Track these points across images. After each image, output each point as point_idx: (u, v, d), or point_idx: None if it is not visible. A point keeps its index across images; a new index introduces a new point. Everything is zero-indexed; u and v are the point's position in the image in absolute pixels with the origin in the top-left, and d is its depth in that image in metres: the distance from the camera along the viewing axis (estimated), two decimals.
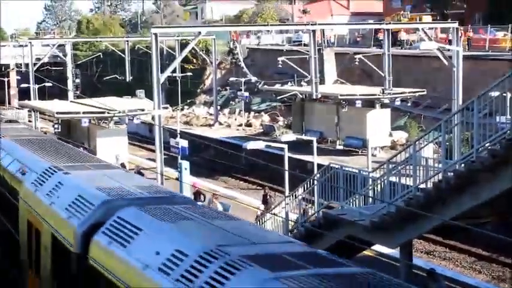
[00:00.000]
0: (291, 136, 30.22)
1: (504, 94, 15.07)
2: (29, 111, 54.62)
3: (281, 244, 9.65)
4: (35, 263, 13.85)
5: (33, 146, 17.76)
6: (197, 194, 28.87)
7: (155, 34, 34.20)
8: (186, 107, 67.37)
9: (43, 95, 61.53)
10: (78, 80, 73.42)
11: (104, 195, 12.09)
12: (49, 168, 14.57)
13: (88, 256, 11.12)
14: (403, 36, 59.95)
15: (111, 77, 70.82)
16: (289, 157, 26.05)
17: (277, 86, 52.95)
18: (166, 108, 58.26)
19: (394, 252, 20.43)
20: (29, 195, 14.36)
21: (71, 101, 52.85)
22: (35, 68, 59.78)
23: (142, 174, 28.36)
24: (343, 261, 9.15)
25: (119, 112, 38.63)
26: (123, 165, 32.44)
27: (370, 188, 18.75)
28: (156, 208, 11.19)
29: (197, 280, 8.54)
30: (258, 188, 37.39)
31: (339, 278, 8.04)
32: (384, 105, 43.22)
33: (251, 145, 26.60)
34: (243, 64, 63.97)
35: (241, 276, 8.11)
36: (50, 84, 53.77)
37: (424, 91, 43.85)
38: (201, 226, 10.37)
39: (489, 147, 14.62)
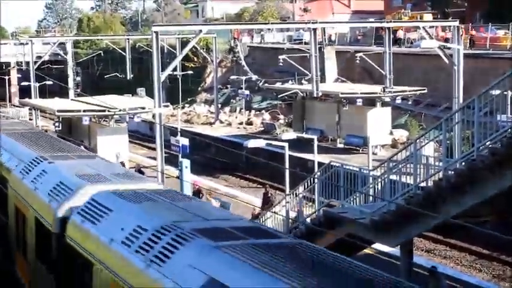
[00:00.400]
0: (291, 134, 30.19)
1: (505, 92, 15.08)
2: (29, 109, 54.63)
3: (230, 221, 11.06)
4: (22, 245, 14.83)
5: (24, 138, 18.81)
6: (198, 192, 28.95)
7: (156, 32, 34.18)
8: (186, 105, 67.40)
9: (44, 93, 61.54)
10: (78, 78, 73.64)
11: (81, 181, 13.38)
12: (35, 158, 15.70)
13: (65, 235, 12.40)
14: (400, 34, 59.90)
15: (111, 75, 70.83)
16: (289, 155, 26.05)
17: (278, 85, 52.94)
18: (167, 106, 58.24)
19: (395, 250, 20.45)
20: (17, 183, 15.48)
21: (71, 99, 52.88)
22: (35, 66, 59.77)
23: (142, 173, 28.37)
24: (279, 234, 10.86)
25: (120, 110, 38.65)
26: (122, 164, 32.42)
27: (370, 186, 18.77)
28: (126, 191, 12.41)
29: (152, 250, 9.87)
30: (259, 186, 37.41)
31: (269, 246, 9.48)
32: (384, 104, 43.19)
33: (252, 143, 26.61)
34: (243, 62, 64.03)
35: (189, 246, 9.50)
36: (50, 83, 53.78)
37: (424, 89, 43.83)
38: (164, 206, 11.64)
39: (490, 146, 14.62)
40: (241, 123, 57.26)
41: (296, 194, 21.35)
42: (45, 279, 13.31)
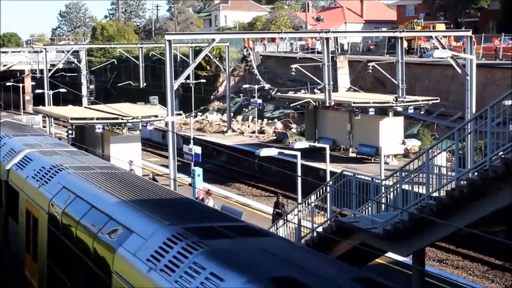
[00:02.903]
0: (303, 143, 30.21)
1: None
2: (43, 116, 54.89)
3: (97, 163, 16.89)
4: None
5: (3, 126, 24.32)
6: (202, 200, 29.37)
7: (169, 41, 34.28)
8: (199, 113, 67.55)
9: (57, 100, 61.85)
10: (92, 86, 73.87)
11: (23, 147, 19.02)
12: (2, 136, 21.49)
13: (8, 179, 18.35)
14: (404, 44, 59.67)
15: (125, 83, 71.08)
16: (302, 164, 26.08)
17: (291, 94, 53.01)
18: (180, 114, 58.40)
19: (407, 260, 20.43)
20: None
21: (85, 107, 53.08)
22: (49, 74, 60.06)
23: (156, 181, 28.48)
24: (120, 168, 16.86)
25: (133, 118, 38.74)
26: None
27: (382, 195, 18.76)
28: (48, 151, 18.33)
29: (44, 178, 15.74)
30: (271, 195, 37.44)
31: (108, 174, 15.07)
32: (396, 113, 43.15)
33: (264, 152, 26.65)
34: (256, 71, 64.06)
35: (61, 173, 15.37)
36: (64, 90, 54.05)
37: (437, 99, 43.76)
38: (63, 157, 17.43)
39: (502, 156, 14.60)
40: (253, 132, 57.34)
41: (308, 202, 21.36)
42: None
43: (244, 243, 8.75)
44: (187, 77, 54.25)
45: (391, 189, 18.34)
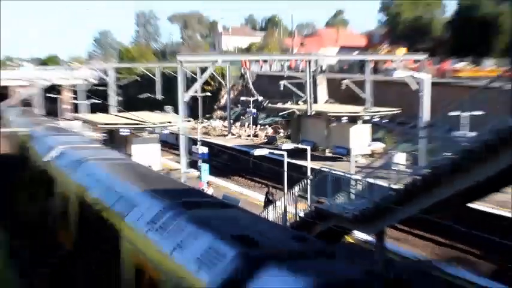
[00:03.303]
0: (289, 145, 30.33)
1: (461, 114, 15.27)
2: (82, 122, 54.79)
3: (117, 157, 17.12)
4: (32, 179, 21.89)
5: (49, 129, 25.43)
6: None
7: (181, 61, 34.45)
8: (205, 120, 67.55)
9: (91, 109, 61.81)
10: (119, 98, 73.77)
11: (57, 144, 19.62)
12: (44, 134, 22.87)
13: (47, 169, 18.48)
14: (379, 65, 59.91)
15: (145, 95, 71.08)
16: (288, 162, 26.16)
17: (279, 105, 53.11)
18: (189, 121, 58.48)
19: (372, 239, 20.55)
20: (33, 148, 22.13)
21: (113, 115, 53.03)
22: (84, 88, 60.04)
23: (169, 174, 28.58)
24: (123, 157, 17.43)
25: (152, 124, 38.85)
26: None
27: (352, 187, 18.91)
28: (77, 147, 18.82)
29: (73, 167, 15.79)
30: (263, 186, 37.50)
31: (111, 162, 15.43)
32: (365, 121, 43.30)
33: (257, 152, 26.77)
34: (251, 86, 64.17)
35: (86, 163, 15.46)
36: (96, 101, 54.03)
37: (398, 110, 43.91)
38: (88, 151, 17.72)
39: (449, 156, 14.78)
40: (249, 136, 57.43)
41: (293, 192, 21.50)
42: (38, 188, 20.06)
43: (217, 212, 9.69)
44: (196, 91, 54.21)
45: (359, 182, 18.50)
